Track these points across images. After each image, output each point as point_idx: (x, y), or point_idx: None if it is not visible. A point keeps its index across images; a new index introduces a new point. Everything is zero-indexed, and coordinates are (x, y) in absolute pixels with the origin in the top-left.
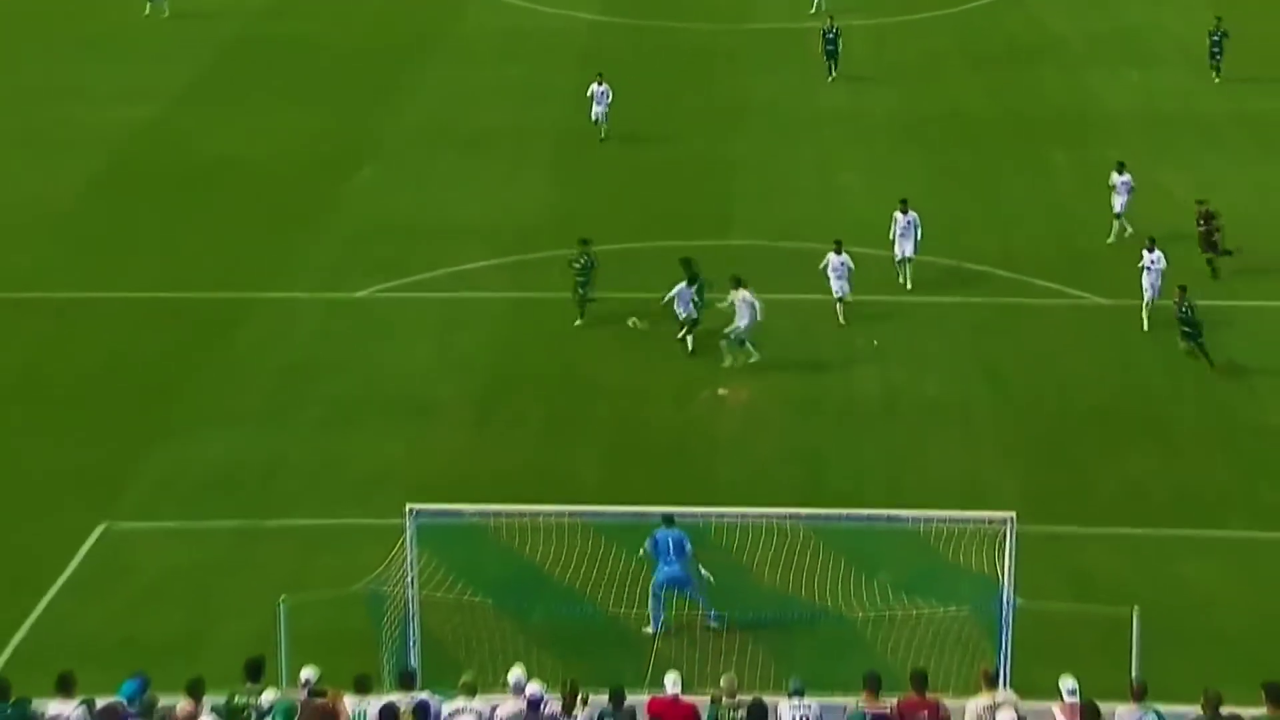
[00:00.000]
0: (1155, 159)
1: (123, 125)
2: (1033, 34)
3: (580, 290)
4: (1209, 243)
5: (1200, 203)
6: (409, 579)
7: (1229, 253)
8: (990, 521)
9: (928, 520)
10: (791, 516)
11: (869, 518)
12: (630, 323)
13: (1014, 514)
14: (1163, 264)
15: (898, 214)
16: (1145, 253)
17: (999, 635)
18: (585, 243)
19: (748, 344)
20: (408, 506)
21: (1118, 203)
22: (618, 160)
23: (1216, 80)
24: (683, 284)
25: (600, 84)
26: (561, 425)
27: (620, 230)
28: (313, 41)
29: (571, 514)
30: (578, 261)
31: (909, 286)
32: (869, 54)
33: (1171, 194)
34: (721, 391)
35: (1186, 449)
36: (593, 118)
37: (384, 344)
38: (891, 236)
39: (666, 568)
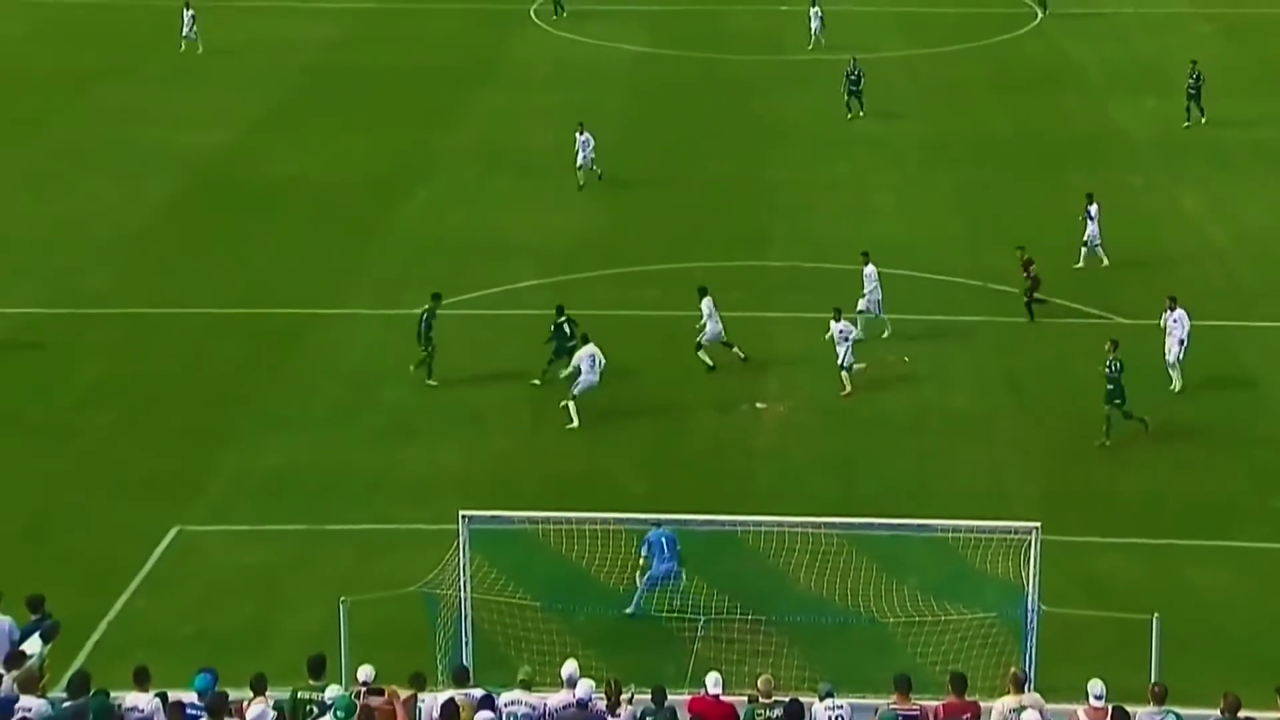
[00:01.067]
0: (1172, 183)
1: (198, 149)
2: (1055, 63)
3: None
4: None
5: (1020, 249)
6: (462, 581)
7: (1041, 301)
8: (1016, 531)
9: (955, 529)
10: (825, 525)
11: (899, 526)
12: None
13: (1039, 524)
14: (1186, 323)
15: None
16: (1166, 312)
17: (1024, 640)
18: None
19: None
20: (460, 512)
21: (1090, 230)
22: (660, 183)
23: (1197, 122)
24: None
25: (582, 133)
26: (606, 435)
27: (661, 251)
28: (373, 69)
29: (616, 521)
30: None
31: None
32: (901, 83)
33: (1188, 216)
34: (759, 405)
35: (1200, 460)
36: (577, 163)
37: (439, 357)
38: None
39: (663, 565)
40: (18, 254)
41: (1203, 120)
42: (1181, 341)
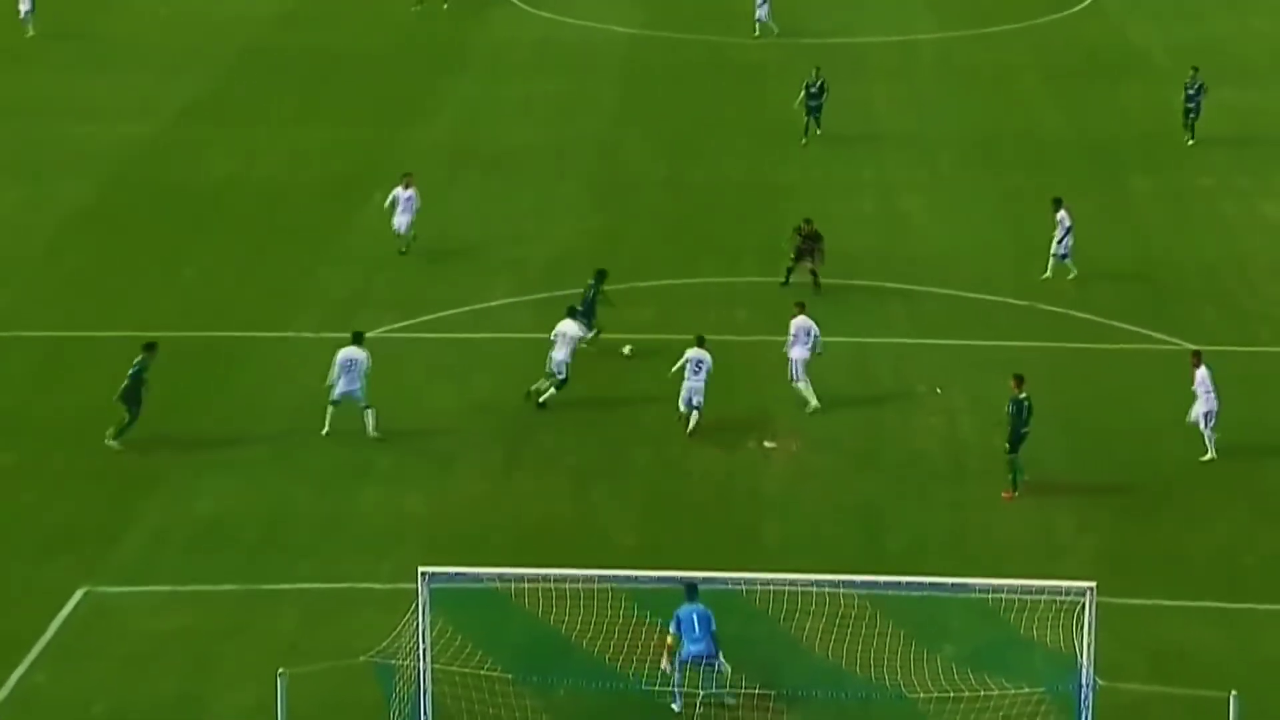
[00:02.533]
0: (1254, 186)
1: (118, 145)
2: (1113, 48)
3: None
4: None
5: (807, 221)
6: (421, 649)
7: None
8: (1068, 592)
9: (997, 589)
10: (845, 584)
11: (932, 585)
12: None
13: (1094, 584)
14: (1209, 385)
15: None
16: (1193, 369)
17: (1077, 719)
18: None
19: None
20: (420, 569)
21: (1062, 243)
22: (658, 185)
23: (1190, 143)
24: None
25: (407, 188)
26: (593, 476)
27: (660, 265)
28: (327, 52)
29: (601, 578)
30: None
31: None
32: (935, 69)
33: (1272, 225)
34: (768, 444)
35: None
36: (394, 228)
37: (397, 389)
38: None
39: (693, 645)
40: None
41: (1190, 142)
42: (1208, 414)
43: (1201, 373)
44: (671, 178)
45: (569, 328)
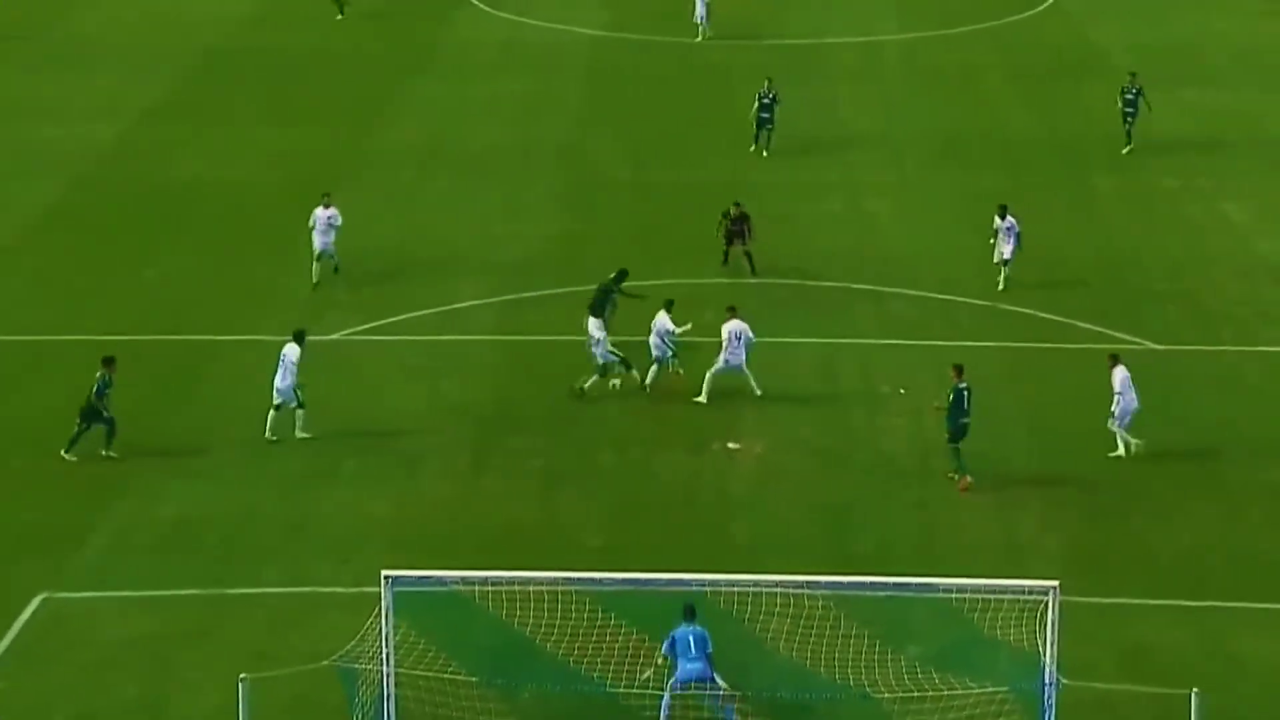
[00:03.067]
0: (1216, 188)
1: (82, 146)
2: (1075, 48)
3: None
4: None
5: (736, 204)
6: (385, 653)
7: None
8: (1031, 591)
9: (962, 589)
10: (811, 584)
11: (897, 586)
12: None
13: (1057, 583)
14: (1128, 385)
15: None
16: (1111, 369)
17: (1041, 717)
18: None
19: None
20: (383, 573)
21: (1005, 250)
22: (625, 186)
23: (1126, 151)
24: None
25: (327, 207)
26: (560, 478)
27: (627, 266)
28: (292, 53)
29: (568, 581)
30: None
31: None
32: (900, 69)
33: (1234, 226)
34: (732, 445)
35: (1249, 512)
36: (316, 249)
37: (363, 391)
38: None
39: (690, 664)
40: None
41: (1127, 149)
42: (1123, 413)
43: (1120, 372)
44: (637, 180)
45: (594, 327)
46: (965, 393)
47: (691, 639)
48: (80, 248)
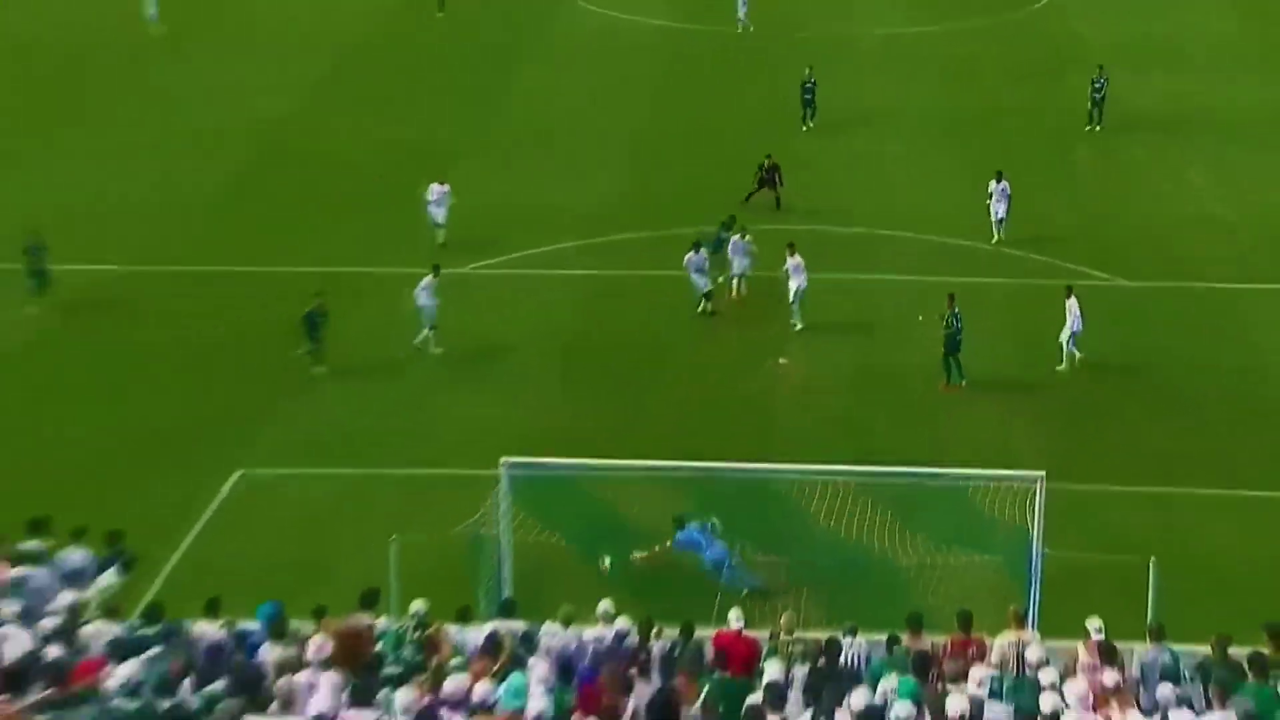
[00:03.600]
0: (1180, 157)
1: (264, 121)
2: (1064, 41)
3: None
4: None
5: (769, 157)
6: (501, 525)
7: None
8: (1021, 480)
9: (965, 478)
10: (843, 473)
11: (912, 474)
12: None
13: (1043, 473)
14: (1077, 313)
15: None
16: (1066, 299)
17: (1028, 581)
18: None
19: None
20: (501, 459)
21: (1000, 210)
22: (689, 153)
23: (1098, 129)
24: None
25: (442, 183)
26: (637, 386)
27: (691, 214)
28: (423, 42)
29: (647, 469)
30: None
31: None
32: (914, 58)
33: (1193, 187)
34: (782, 361)
35: (1201, 417)
36: (432, 220)
37: (484, 314)
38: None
39: (710, 553)
40: (111, 219)
41: (1098, 128)
42: (1072, 334)
43: (1071, 302)
44: (699, 146)
45: (691, 259)
46: (957, 316)
47: (697, 533)
48: (264, 200)
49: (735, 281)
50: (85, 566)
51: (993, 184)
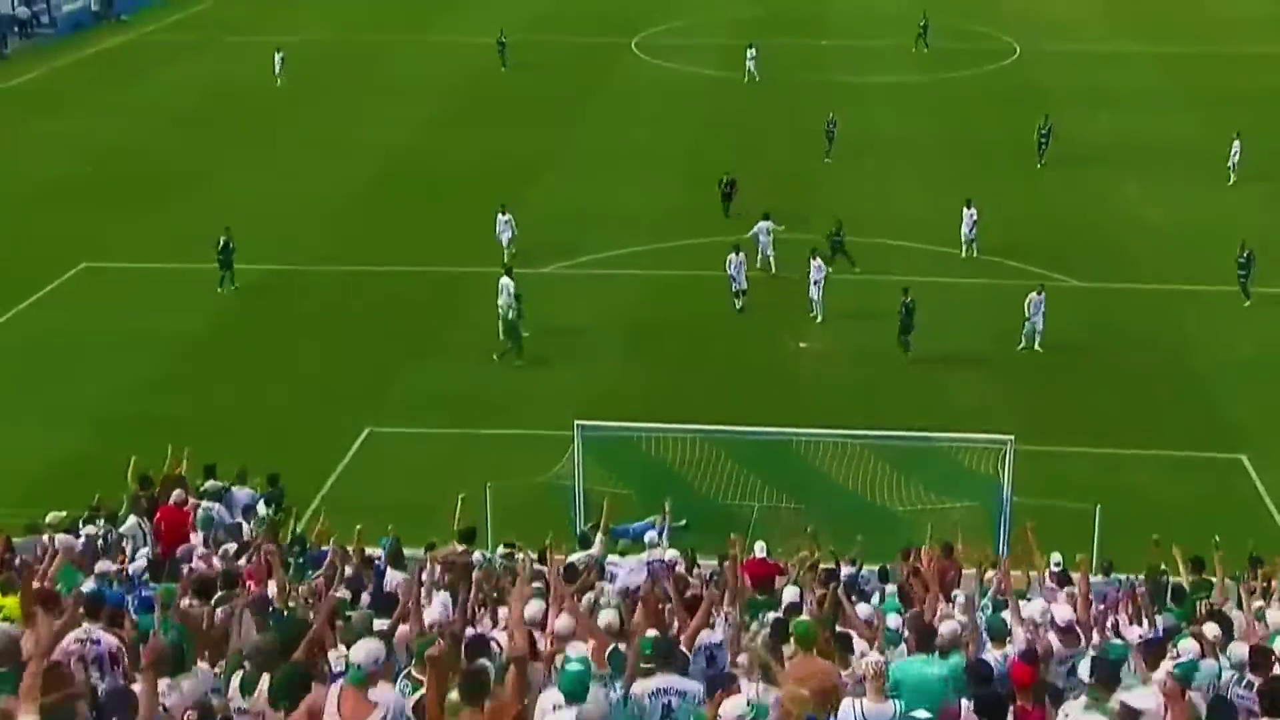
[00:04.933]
0: (1120, 176)
1: (389, 143)
2: (1029, 87)
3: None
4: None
5: (728, 173)
6: (577, 475)
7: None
8: (996, 442)
9: (951, 440)
10: (851, 436)
11: (906, 437)
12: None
13: (1013, 436)
14: (1040, 308)
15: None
16: (1036, 295)
17: (998, 522)
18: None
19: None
20: (576, 422)
21: (968, 232)
22: (732, 174)
23: (1039, 166)
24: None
25: (504, 213)
26: (686, 362)
27: (732, 224)
28: (516, 87)
29: (696, 431)
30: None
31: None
32: (913, 101)
33: (1128, 200)
34: (802, 344)
35: (1142, 388)
36: (505, 244)
37: (562, 305)
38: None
39: (634, 529)
40: (270, 224)
41: (1040, 165)
42: (1035, 326)
43: (1035, 297)
44: (738, 171)
45: (732, 260)
46: (912, 305)
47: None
48: (385, 209)
49: (768, 260)
50: (251, 502)
51: (965, 210)
